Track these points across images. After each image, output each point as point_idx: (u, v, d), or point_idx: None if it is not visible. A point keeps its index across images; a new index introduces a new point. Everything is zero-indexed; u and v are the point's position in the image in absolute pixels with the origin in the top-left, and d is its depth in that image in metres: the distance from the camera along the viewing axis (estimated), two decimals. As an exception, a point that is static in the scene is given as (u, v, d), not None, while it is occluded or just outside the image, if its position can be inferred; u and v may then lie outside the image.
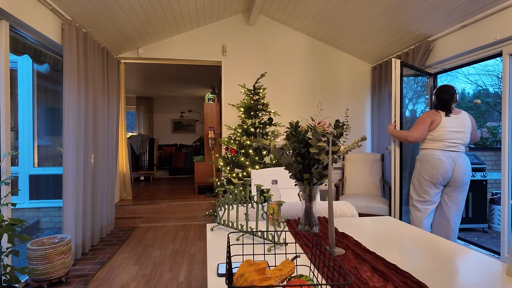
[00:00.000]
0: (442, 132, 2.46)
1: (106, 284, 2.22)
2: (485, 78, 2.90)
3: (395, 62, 2.83)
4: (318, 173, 1.12)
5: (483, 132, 2.99)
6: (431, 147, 2.51)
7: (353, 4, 3.01)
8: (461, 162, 2.43)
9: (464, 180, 2.44)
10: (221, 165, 3.30)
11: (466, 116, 2.51)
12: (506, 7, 2.31)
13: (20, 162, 3.49)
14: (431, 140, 2.51)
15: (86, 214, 2.76)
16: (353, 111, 4.30)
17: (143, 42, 3.74)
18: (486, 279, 0.80)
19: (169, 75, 6.38)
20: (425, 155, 2.51)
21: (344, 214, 1.48)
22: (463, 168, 2.42)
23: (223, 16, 3.87)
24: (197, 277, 2.33)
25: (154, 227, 3.65)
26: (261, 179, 1.97)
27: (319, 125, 1.08)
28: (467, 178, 2.44)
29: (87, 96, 2.77)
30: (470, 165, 2.47)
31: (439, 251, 1.00)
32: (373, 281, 0.78)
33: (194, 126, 9.28)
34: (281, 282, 0.62)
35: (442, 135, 2.46)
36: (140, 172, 6.11)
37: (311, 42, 4.16)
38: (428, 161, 2.49)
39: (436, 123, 2.49)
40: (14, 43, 2.18)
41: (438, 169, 2.44)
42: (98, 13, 2.73)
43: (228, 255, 0.66)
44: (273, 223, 1.05)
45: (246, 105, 3.36)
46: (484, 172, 3.56)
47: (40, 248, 2.09)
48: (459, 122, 2.46)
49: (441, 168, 2.43)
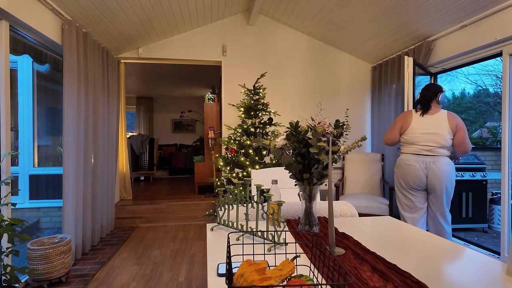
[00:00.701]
0: (413, 135, 2.31)
1: (106, 284, 2.22)
2: (485, 78, 2.90)
3: (408, 60, 2.77)
4: (318, 173, 1.12)
5: (483, 132, 2.98)
6: (405, 152, 2.39)
7: (353, 4, 3.01)
8: (435, 168, 2.24)
9: (440, 187, 2.24)
10: (221, 165, 3.30)
11: (443, 116, 2.27)
12: (506, 7, 2.31)
13: (20, 162, 3.49)
14: (405, 144, 2.39)
15: (86, 214, 2.76)
16: (353, 111, 4.30)
17: (143, 42, 3.74)
18: (486, 279, 0.80)
19: (169, 75, 6.38)
20: (399, 160, 2.41)
21: (344, 214, 1.48)
22: (438, 174, 2.23)
23: (223, 16, 3.87)
24: (197, 277, 2.33)
25: (154, 227, 3.65)
26: (261, 179, 1.97)
27: (319, 125, 1.08)
28: (443, 185, 2.23)
29: (87, 96, 2.77)
30: (450, 170, 2.23)
31: (439, 251, 1.00)
32: (373, 281, 0.78)
33: (194, 126, 9.28)
34: (281, 282, 0.62)
35: (413, 138, 2.31)
36: (140, 172, 6.11)
37: (311, 42, 4.16)
38: (402, 166, 2.37)
39: (406, 126, 2.35)
40: (14, 43, 2.18)
41: (410, 175, 2.31)
42: (98, 13, 2.73)
43: (228, 255, 0.66)
44: (273, 223, 1.05)
45: (246, 105, 3.36)
46: (484, 172, 3.56)
47: (40, 248, 2.09)
48: (433, 123, 2.26)
49: (412, 174, 2.30)
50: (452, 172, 2.25)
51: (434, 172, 2.24)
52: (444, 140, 2.22)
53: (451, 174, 2.23)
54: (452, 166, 2.26)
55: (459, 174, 3.55)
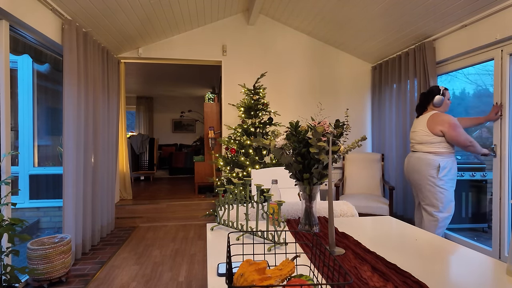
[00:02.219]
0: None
1: (106, 283, 2.22)
2: (485, 77, 2.90)
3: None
4: (318, 173, 1.12)
5: (482, 132, 2.98)
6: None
7: (353, 4, 3.01)
8: (408, 161, 2.60)
9: (413, 179, 2.54)
10: (221, 165, 3.30)
11: (426, 116, 2.48)
12: (506, 7, 2.31)
13: (20, 162, 3.49)
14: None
15: (86, 214, 2.76)
16: (353, 111, 4.30)
17: (143, 42, 3.74)
18: (486, 279, 0.80)
19: (169, 75, 6.38)
20: None
21: (344, 214, 1.48)
22: (409, 168, 2.58)
23: (223, 16, 3.87)
24: (197, 276, 2.33)
25: (154, 227, 3.65)
26: (261, 179, 1.97)
27: (319, 124, 1.08)
28: (414, 178, 2.51)
29: (87, 96, 2.77)
30: (420, 164, 2.45)
31: (439, 251, 1.00)
32: (373, 281, 0.78)
33: (194, 126, 9.28)
34: (281, 282, 0.62)
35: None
36: (140, 172, 6.11)
37: (311, 42, 4.16)
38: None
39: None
40: (14, 43, 2.18)
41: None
42: (98, 13, 2.73)
43: (228, 254, 0.66)
44: (273, 223, 1.05)
45: (246, 105, 3.36)
46: (484, 172, 3.56)
47: (40, 248, 2.09)
48: (417, 122, 2.56)
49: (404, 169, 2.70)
50: (422, 166, 2.44)
51: (407, 166, 2.62)
52: (419, 136, 2.49)
53: (419, 168, 2.46)
54: (426, 161, 2.43)
55: (459, 174, 3.55)
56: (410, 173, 2.56)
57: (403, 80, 3.46)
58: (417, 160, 2.49)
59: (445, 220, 2.42)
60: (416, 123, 2.58)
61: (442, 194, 2.39)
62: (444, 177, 2.37)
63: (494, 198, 2.52)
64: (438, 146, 2.41)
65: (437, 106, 2.49)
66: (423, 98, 2.57)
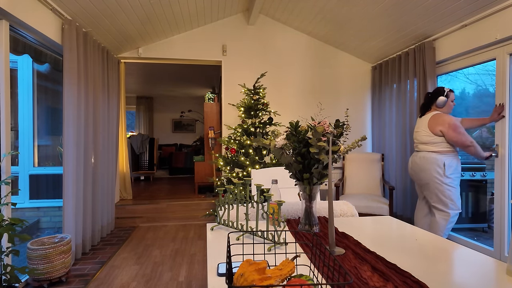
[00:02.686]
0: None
1: (106, 283, 2.22)
2: (485, 77, 2.90)
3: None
4: (318, 173, 1.12)
5: (482, 132, 2.98)
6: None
7: (353, 4, 3.01)
8: (413, 161, 2.61)
9: (419, 179, 2.55)
10: (221, 164, 3.30)
11: (428, 117, 2.52)
12: (506, 7, 2.30)
13: (20, 162, 3.49)
14: None
15: (86, 213, 2.76)
16: (353, 110, 4.30)
17: (143, 42, 3.74)
18: (486, 279, 0.80)
19: (169, 75, 6.38)
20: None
21: (344, 214, 1.48)
22: (414, 167, 2.59)
23: (223, 15, 3.87)
24: (197, 276, 2.33)
25: (154, 227, 3.65)
26: (261, 178, 1.97)
27: (319, 124, 1.08)
28: (420, 177, 2.52)
29: (87, 96, 2.77)
30: (426, 163, 2.46)
31: (439, 251, 1.00)
32: (373, 281, 0.78)
33: (194, 126, 9.28)
34: (281, 282, 0.62)
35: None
36: (140, 172, 6.11)
37: (311, 42, 4.16)
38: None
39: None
40: (14, 43, 2.18)
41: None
42: (98, 13, 2.73)
43: (228, 254, 0.66)
44: (273, 223, 1.05)
45: (246, 105, 3.36)
46: (484, 172, 3.56)
47: (40, 248, 2.09)
48: (420, 122, 2.59)
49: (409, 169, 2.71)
50: (427, 165, 2.45)
51: (411, 165, 2.64)
52: (421, 136, 2.52)
53: (425, 166, 2.47)
54: (432, 160, 2.44)
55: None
56: (416, 172, 2.55)
57: (403, 80, 3.46)
58: (422, 159, 2.50)
59: (455, 216, 2.46)
60: (418, 123, 2.61)
61: (450, 191, 2.42)
62: (451, 175, 2.41)
63: (495, 198, 2.52)
64: (440, 145, 2.44)
65: (439, 107, 2.51)
66: (427, 98, 2.60)
